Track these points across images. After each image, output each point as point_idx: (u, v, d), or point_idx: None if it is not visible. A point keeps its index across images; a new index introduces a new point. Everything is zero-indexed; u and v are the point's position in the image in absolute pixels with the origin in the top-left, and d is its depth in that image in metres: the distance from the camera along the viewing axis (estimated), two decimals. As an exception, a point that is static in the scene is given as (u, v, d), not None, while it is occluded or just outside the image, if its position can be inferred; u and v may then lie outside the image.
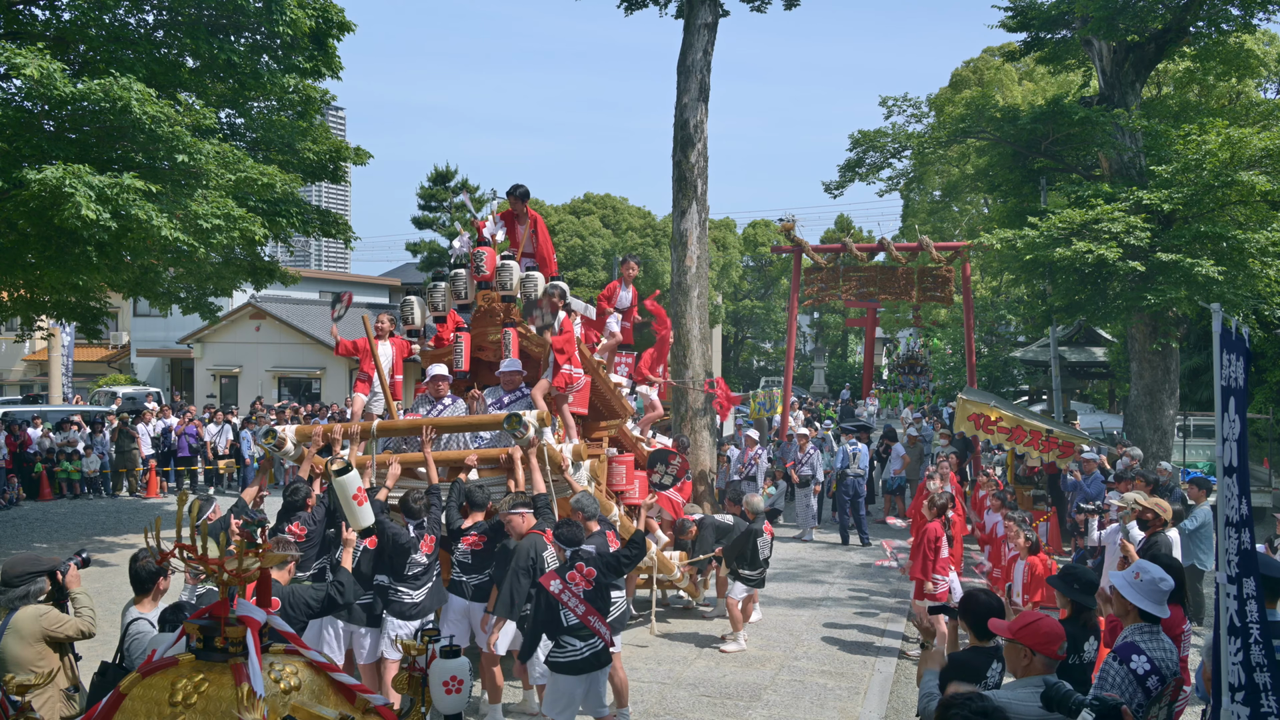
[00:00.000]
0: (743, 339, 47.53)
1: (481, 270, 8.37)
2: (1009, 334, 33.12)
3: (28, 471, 18.55)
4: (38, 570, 5.09)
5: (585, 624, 5.77)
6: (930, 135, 19.76)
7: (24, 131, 11.28)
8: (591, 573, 5.90)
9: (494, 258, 8.39)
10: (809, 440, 15.77)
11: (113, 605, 9.95)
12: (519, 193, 8.99)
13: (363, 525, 6.27)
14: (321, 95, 14.98)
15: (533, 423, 7.10)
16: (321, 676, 2.83)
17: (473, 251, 8.52)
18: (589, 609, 5.80)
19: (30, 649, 4.84)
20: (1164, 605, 4.19)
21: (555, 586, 5.82)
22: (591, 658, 5.80)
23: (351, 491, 6.14)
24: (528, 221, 9.04)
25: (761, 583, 9.43)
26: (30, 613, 4.92)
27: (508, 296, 8.34)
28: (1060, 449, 13.23)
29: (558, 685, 5.83)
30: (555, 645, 5.85)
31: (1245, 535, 3.92)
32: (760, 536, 9.23)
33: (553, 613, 5.78)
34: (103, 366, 36.83)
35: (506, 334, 8.21)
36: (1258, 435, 19.29)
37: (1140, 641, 4.07)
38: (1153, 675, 3.94)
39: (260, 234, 12.58)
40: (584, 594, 5.82)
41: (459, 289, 8.66)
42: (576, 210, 35.43)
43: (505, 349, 8.19)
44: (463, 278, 8.62)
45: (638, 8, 16.37)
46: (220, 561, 2.71)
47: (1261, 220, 15.13)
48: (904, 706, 7.67)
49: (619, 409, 9.60)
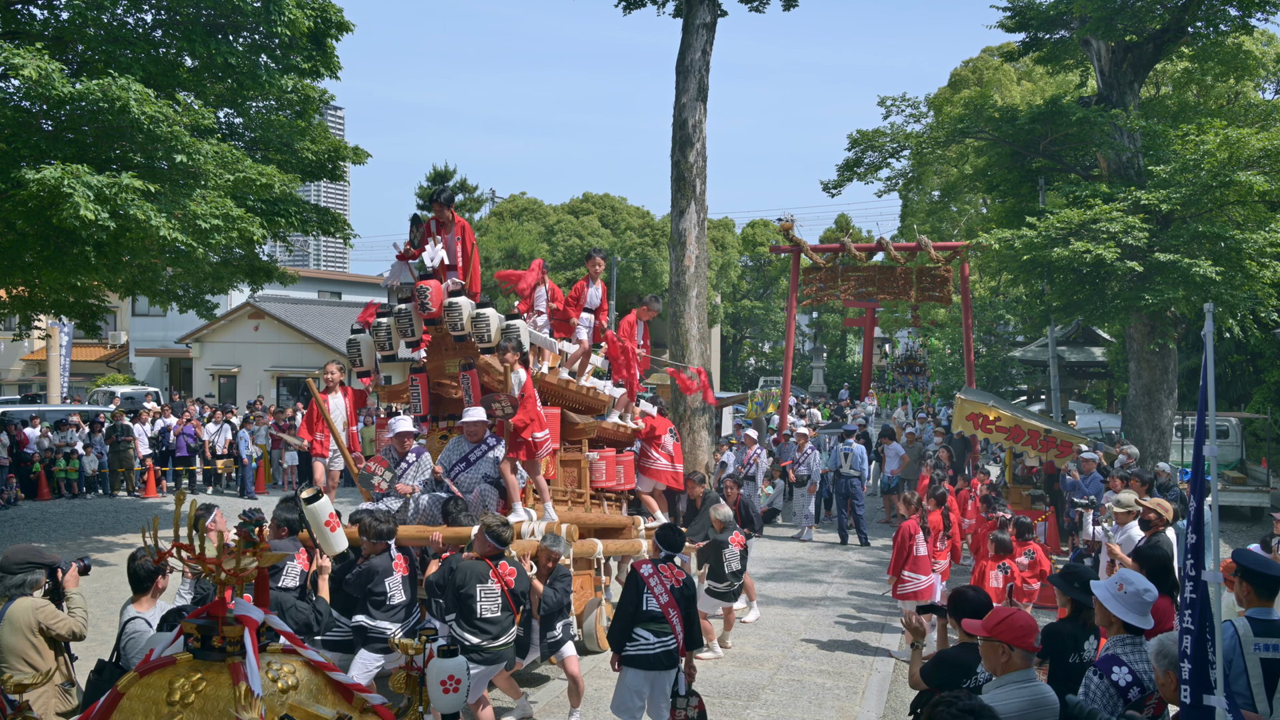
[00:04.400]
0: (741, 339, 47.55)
1: (427, 307, 7.64)
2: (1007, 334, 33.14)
3: (26, 471, 18.53)
4: (38, 562, 5.11)
5: (664, 614, 5.85)
6: (929, 135, 19.79)
7: (22, 131, 11.28)
8: (681, 574, 6.09)
9: (439, 293, 7.68)
10: (807, 440, 15.77)
11: (110, 605, 9.96)
12: (444, 198, 8.14)
13: (336, 550, 6.26)
14: (320, 95, 14.98)
15: (562, 549, 6.94)
16: (319, 676, 2.83)
17: (416, 286, 7.79)
18: (672, 600, 5.92)
19: (23, 639, 4.85)
20: (1147, 616, 4.19)
21: (646, 570, 5.99)
22: (663, 655, 5.86)
23: (323, 518, 6.13)
24: (454, 229, 8.16)
25: (732, 597, 9.06)
26: (26, 604, 4.94)
27: (459, 336, 7.67)
28: (1058, 448, 13.23)
29: (625, 681, 5.90)
30: (629, 637, 5.90)
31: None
32: (726, 548, 8.87)
33: (638, 594, 5.89)
34: (101, 366, 36.81)
35: (465, 379, 7.62)
36: (1256, 435, 19.31)
37: (1122, 654, 4.09)
38: (1134, 687, 3.96)
39: (259, 234, 12.58)
40: (671, 588, 5.96)
41: (405, 327, 7.88)
42: (575, 210, 35.41)
43: (466, 396, 7.63)
44: (407, 313, 7.84)
45: (636, 7, 16.37)
46: (218, 561, 2.71)
47: (1259, 221, 15.16)
48: (902, 706, 7.68)
49: (595, 407, 9.41)
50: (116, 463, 19.26)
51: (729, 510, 9.36)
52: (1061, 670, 4.69)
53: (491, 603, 6.07)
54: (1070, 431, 14.24)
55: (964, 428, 14.02)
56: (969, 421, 13.83)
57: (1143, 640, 4.16)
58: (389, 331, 7.96)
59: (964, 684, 4.51)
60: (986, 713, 2.96)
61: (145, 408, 22.20)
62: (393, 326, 7.96)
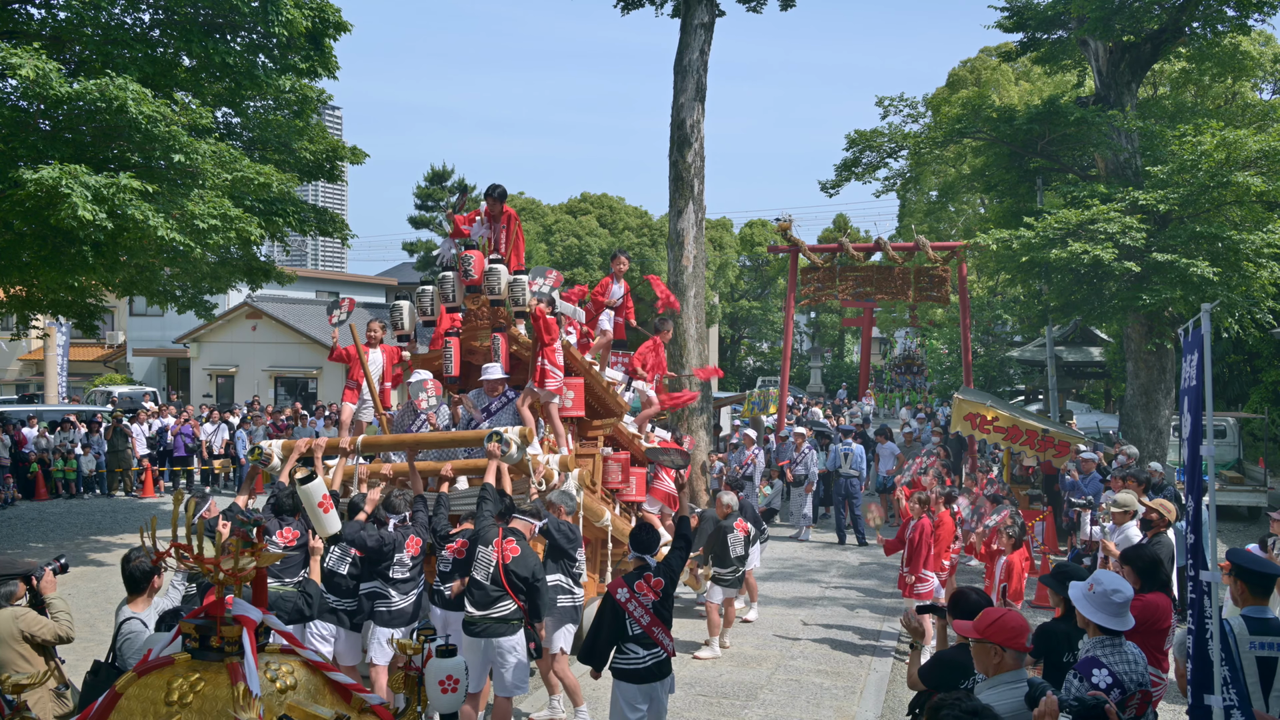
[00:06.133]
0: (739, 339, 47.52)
1: (470, 274, 8.34)
2: (1005, 334, 33.15)
3: (23, 471, 18.52)
4: (10, 574, 5.11)
5: (649, 634, 5.77)
6: (927, 135, 19.79)
7: (20, 131, 11.26)
8: (659, 583, 5.92)
9: (482, 261, 8.37)
10: (805, 440, 15.78)
11: (108, 605, 9.95)
12: (496, 193, 8.87)
13: (329, 532, 6.31)
14: (318, 94, 14.97)
15: (515, 440, 7.08)
16: (318, 675, 2.84)
17: (460, 255, 8.50)
18: (654, 620, 5.81)
19: (10, 650, 4.86)
20: (1124, 617, 4.13)
21: (623, 595, 5.81)
22: (654, 666, 5.79)
23: (316, 499, 6.18)
24: (502, 218, 8.91)
25: (736, 584, 9.33)
26: (6, 614, 4.95)
27: (496, 300, 8.31)
28: (1056, 448, 13.26)
29: (620, 693, 5.84)
30: (617, 652, 5.84)
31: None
32: (731, 533, 9.20)
33: (618, 621, 5.79)
34: (99, 366, 36.76)
35: (495, 339, 8.19)
36: (1253, 435, 19.33)
37: (1102, 655, 4.06)
38: (1115, 688, 3.94)
39: (256, 234, 12.57)
40: (651, 605, 5.84)
41: (447, 292, 8.63)
42: (573, 210, 35.40)
43: (495, 354, 8.17)
44: (450, 281, 8.60)
45: (634, 7, 16.38)
46: (216, 561, 2.71)
47: (1257, 221, 15.18)
48: (900, 706, 7.68)
49: (614, 407, 9.59)
50: (114, 463, 19.25)
51: (734, 497, 9.54)
52: (1055, 670, 4.70)
53: (483, 572, 6.30)
54: (1067, 431, 14.27)
55: (962, 428, 14.05)
56: (967, 421, 13.86)
57: (1123, 641, 4.13)
58: (433, 298, 8.68)
59: (962, 685, 4.50)
60: (988, 713, 2.98)
61: (144, 407, 22.19)
62: (435, 293, 8.65)
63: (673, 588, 6.07)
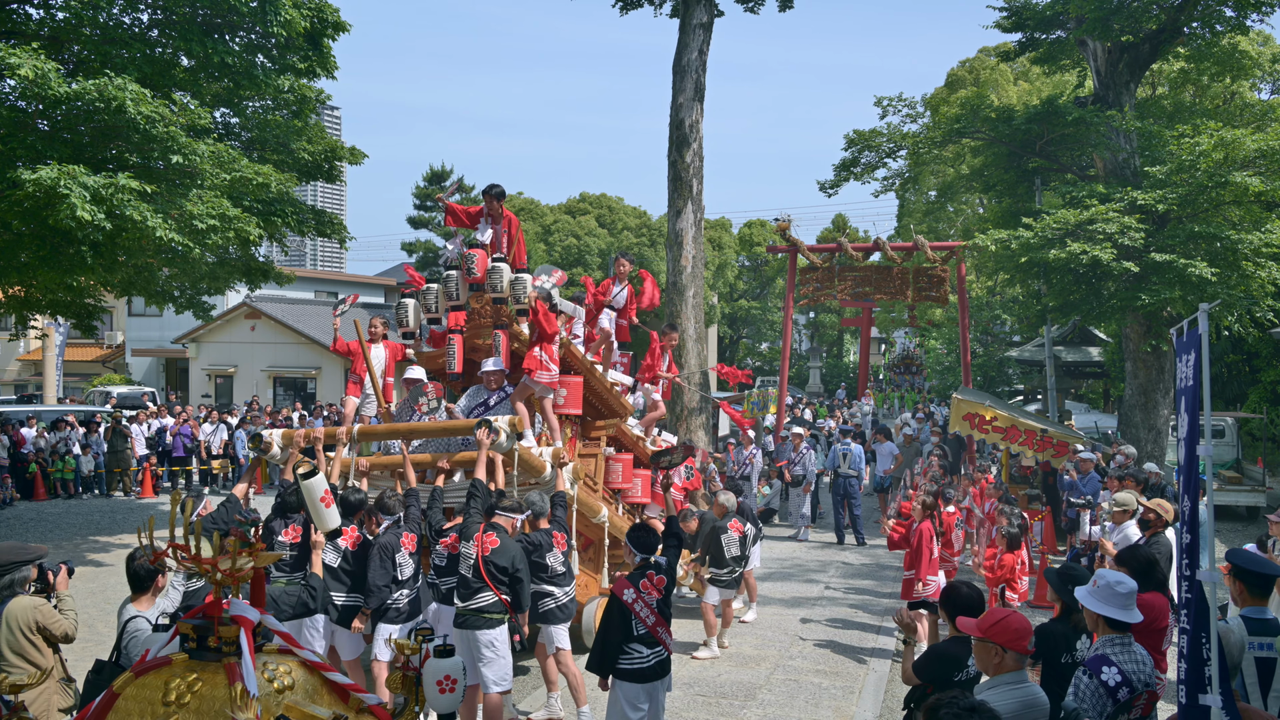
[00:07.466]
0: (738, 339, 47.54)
1: (473, 272, 8.43)
2: (1004, 334, 33.18)
3: (22, 471, 18.51)
4: (23, 559, 5.09)
5: (653, 634, 5.79)
6: (925, 135, 19.79)
7: (18, 131, 11.26)
8: (662, 581, 5.94)
9: (485, 260, 8.45)
10: (803, 439, 15.79)
11: (107, 605, 9.95)
12: (495, 192, 8.97)
13: (330, 527, 6.35)
14: (317, 95, 14.97)
15: (504, 428, 7.12)
16: (315, 676, 2.84)
17: (464, 253, 8.59)
18: (658, 619, 5.83)
19: (26, 639, 4.85)
20: (1131, 610, 4.12)
21: (629, 596, 5.82)
22: (657, 665, 5.80)
23: (318, 494, 6.21)
24: (502, 221, 8.98)
25: (734, 584, 9.27)
26: (25, 603, 4.93)
27: (499, 299, 8.39)
28: (1055, 448, 13.27)
29: (623, 693, 5.83)
30: (620, 653, 5.84)
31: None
32: (725, 534, 9.16)
33: (625, 621, 5.79)
34: (97, 366, 36.75)
35: (497, 336, 8.29)
36: (1252, 435, 19.34)
37: (1111, 654, 4.06)
38: (1123, 687, 3.95)
39: (255, 234, 12.57)
40: (655, 604, 5.87)
41: (451, 290, 8.71)
42: (572, 210, 35.41)
43: (496, 351, 8.26)
44: (455, 279, 8.68)
45: (633, 8, 16.40)
46: (214, 561, 2.71)
47: (1255, 221, 15.18)
48: (899, 705, 7.68)
49: (616, 407, 9.60)
50: (113, 463, 19.24)
51: (733, 497, 9.53)
52: (1053, 671, 4.70)
53: (465, 565, 6.41)
54: (1066, 431, 14.28)
55: (960, 427, 14.05)
56: (965, 421, 13.87)
57: (1132, 641, 4.14)
58: (437, 296, 8.76)
59: (955, 677, 4.53)
60: (986, 711, 2.99)
61: (145, 407, 22.19)
62: (440, 292, 8.74)
63: (673, 586, 6.09)
